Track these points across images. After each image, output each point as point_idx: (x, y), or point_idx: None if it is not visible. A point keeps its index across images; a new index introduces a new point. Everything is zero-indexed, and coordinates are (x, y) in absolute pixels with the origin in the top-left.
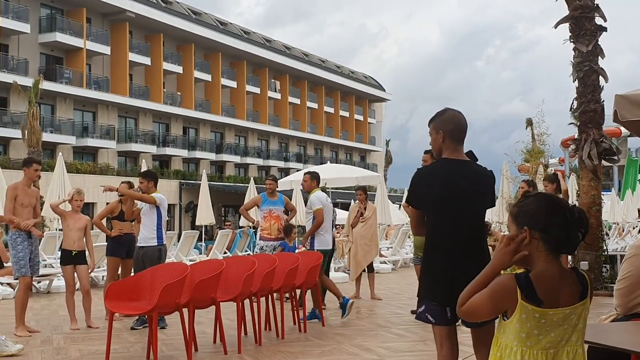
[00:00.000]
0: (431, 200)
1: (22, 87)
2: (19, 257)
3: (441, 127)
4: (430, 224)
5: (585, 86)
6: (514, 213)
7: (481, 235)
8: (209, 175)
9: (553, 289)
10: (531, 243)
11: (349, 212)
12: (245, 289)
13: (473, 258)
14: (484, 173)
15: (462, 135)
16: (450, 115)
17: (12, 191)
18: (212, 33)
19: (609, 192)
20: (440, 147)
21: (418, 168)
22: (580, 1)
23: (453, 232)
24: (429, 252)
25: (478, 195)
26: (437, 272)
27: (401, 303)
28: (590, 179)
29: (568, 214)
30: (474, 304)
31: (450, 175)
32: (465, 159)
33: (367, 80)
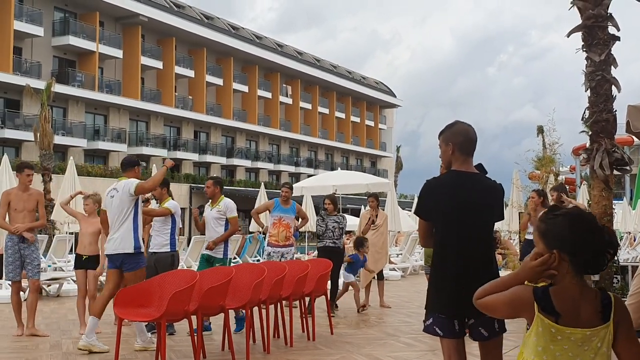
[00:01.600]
0: (439, 212)
1: (34, 90)
2: (8, 262)
3: (451, 140)
4: (438, 236)
5: (597, 96)
6: (542, 230)
7: (489, 248)
8: None
9: (573, 306)
10: (560, 264)
11: (360, 219)
12: (254, 296)
13: (481, 271)
14: (492, 186)
15: (472, 147)
16: (460, 127)
17: (5, 197)
18: (224, 37)
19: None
20: (450, 159)
21: (427, 179)
22: (593, 10)
23: (461, 245)
24: (437, 265)
25: (486, 208)
26: (444, 284)
27: (410, 311)
28: (601, 189)
29: (599, 237)
30: (490, 303)
31: (459, 187)
32: (475, 171)
33: (379, 86)
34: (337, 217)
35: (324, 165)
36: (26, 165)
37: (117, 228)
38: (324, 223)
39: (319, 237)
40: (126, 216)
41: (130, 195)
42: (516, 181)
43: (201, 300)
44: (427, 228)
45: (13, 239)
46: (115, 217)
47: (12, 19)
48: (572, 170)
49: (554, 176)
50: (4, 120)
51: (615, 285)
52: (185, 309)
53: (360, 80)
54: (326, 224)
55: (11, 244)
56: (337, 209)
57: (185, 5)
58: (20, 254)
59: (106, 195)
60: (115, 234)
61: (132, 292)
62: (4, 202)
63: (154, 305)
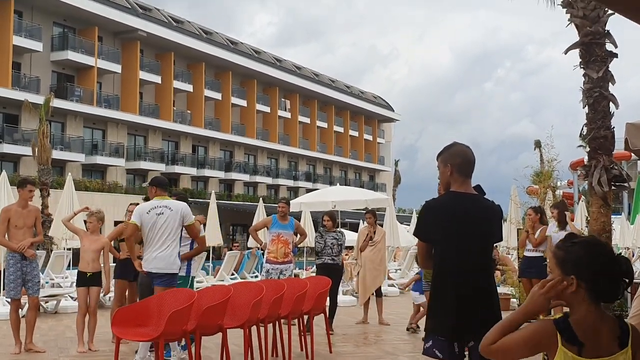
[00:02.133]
0: (438, 234)
1: (33, 104)
2: (9, 280)
3: (449, 161)
4: (438, 258)
5: (595, 112)
6: (560, 257)
7: (489, 269)
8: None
9: (594, 335)
10: (577, 292)
11: (358, 235)
12: (253, 315)
13: (481, 293)
14: (491, 207)
15: (470, 169)
16: (458, 149)
17: (5, 213)
18: (223, 52)
19: (619, 216)
20: (448, 180)
21: (426, 201)
22: (590, 27)
23: (460, 267)
24: (437, 286)
25: (485, 229)
26: (444, 306)
27: None
28: (600, 205)
29: (616, 265)
30: (507, 345)
31: (458, 208)
32: (473, 192)
33: (377, 101)
34: (336, 234)
35: (323, 180)
36: (29, 181)
37: (164, 247)
38: (323, 240)
39: (318, 254)
40: (175, 236)
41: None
42: (514, 197)
43: (199, 319)
44: (427, 249)
45: (15, 257)
46: (165, 235)
47: (11, 34)
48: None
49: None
50: (3, 135)
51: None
52: (183, 328)
53: (358, 94)
54: (325, 240)
55: (13, 261)
56: (336, 225)
57: (184, 21)
58: (22, 271)
59: (147, 212)
60: (159, 252)
61: (130, 312)
62: (3, 218)
63: (152, 324)
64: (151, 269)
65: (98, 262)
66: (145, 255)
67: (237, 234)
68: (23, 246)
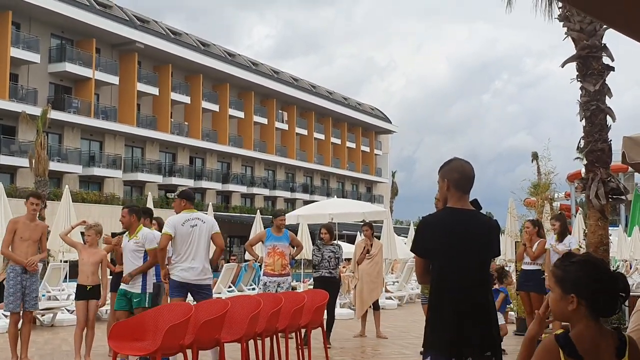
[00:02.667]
0: (435, 250)
1: (30, 116)
2: (9, 292)
3: (447, 176)
4: (435, 274)
5: (592, 125)
6: (559, 276)
7: (487, 285)
8: (214, 205)
9: (594, 348)
10: (577, 309)
11: (355, 249)
12: (250, 329)
13: (479, 308)
14: (488, 223)
15: (468, 185)
16: (456, 164)
17: (12, 225)
18: (221, 64)
19: (616, 228)
20: (446, 195)
21: (423, 217)
22: (587, 41)
23: (458, 282)
24: (434, 302)
25: (482, 245)
26: (442, 322)
27: (407, 342)
28: (597, 218)
29: (613, 282)
30: None
31: (455, 224)
32: (470, 208)
33: (374, 112)
34: (333, 247)
35: (320, 191)
36: (32, 194)
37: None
38: (320, 253)
39: (315, 267)
40: (207, 248)
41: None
42: (512, 210)
43: (197, 333)
44: (424, 265)
45: (16, 270)
46: (200, 247)
47: (8, 46)
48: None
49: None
50: (0, 147)
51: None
52: (180, 342)
53: (355, 106)
54: (322, 253)
55: (14, 274)
56: (334, 237)
57: (181, 32)
58: (22, 285)
59: (182, 224)
60: (195, 263)
61: (127, 326)
62: (10, 229)
63: (149, 339)
64: (189, 279)
65: (97, 275)
66: (180, 266)
67: (234, 246)
68: (32, 262)
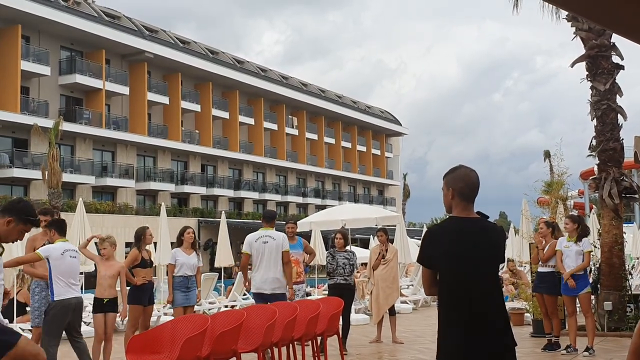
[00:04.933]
0: (442, 260)
1: (42, 128)
2: (35, 307)
3: (452, 185)
4: (443, 284)
5: (603, 125)
6: None
7: (495, 291)
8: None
9: None
10: None
11: (370, 254)
12: (267, 339)
13: (487, 316)
14: (493, 229)
15: (473, 193)
16: (461, 173)
17: (31, 243)
18: (230, 71)
19: (631, 225)
20: (450, 203)
21: (428, 227)
22: (596, 40)
23: (465, 290)
24: (443, 313)
25: (489, 252)
26: (452, 331)
27: (423, 347)
28: (611, 217)
29: None
30: None
31: (461, 233)
32: (475, 216)
33: (384, 115)
34: (347, 254)
35: (332, 195)
36: (41, 211)
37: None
38: (335, 260)
39: (330, 274)
40: (278, 260)
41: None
42: (525, 212)
43: (213, 345)
44: (431, 276)
45: (41, 285)
46: (272, 261)
47: (19, 60)
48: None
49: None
50: (12, 160)
51: (629, 314)
52: (197, 354)
53: (365, 109)
54: (337, 261)
55: (39, 289)
56: (348, 243)
57: (190, 41)
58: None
59: (255, 241)
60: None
61: (144, 338)
62: (29, 248)
63: (166, 351)
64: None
65: (114, 288)
66: (255, 278)
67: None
68: None
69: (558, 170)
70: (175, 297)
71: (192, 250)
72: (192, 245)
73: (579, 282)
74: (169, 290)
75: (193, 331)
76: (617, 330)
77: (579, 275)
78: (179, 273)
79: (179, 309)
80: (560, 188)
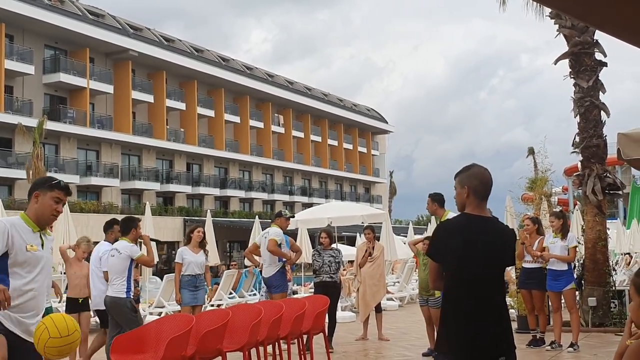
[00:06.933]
0: (451, 255)
1: (26, 128)
2: None
3: (466, 183)
4: (449, 280)
5: (587, 121)
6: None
7: (501, 291)
8: (213, 211)
9: None
10: None
11: (357, 252)
12: (252, 338)
13: (493, 314)
14: (504, 230)
15: (487, 192)
16: (476, 171)
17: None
18: (215, 69)
19: (614, 220)
20: (464, 201)
21: (441, 221)
22: (579, 37)
23: (473, 288)
24: (449, 308)
25: (498, 252)
26: (456, 328)
27: (409, 344)
28: (595, 214)
29: None
30: None
31: (472, 230)
32: (488, 215)
33: (370, 113)
34: (333, 252)
35: (318, 193)
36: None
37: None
38: (321, 258)
39: (316, 272)
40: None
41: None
42: (509, 208)
43: (198, 344)
44: (438, 270)
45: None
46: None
47: (2, 58)
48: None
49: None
50: None
51: (613, 309)
52: (182, 354)
53: (351, 107)
54: (323, 258)
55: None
56: (334, 241)
57: (175, 39)
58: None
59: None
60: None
61: (128, 339)
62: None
63: (151, 351)
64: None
65: (89, 287)
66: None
67: (234, 251)
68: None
69: (542, 167)
70: (183, 296)
71: (199, 249)
72: (200, 244)
73: (564, 278)
74: (175, 289)
75: (178, 331)
76: (602, 326)
77: (564, 271)
78: (187, 272)
79: (186, 308)
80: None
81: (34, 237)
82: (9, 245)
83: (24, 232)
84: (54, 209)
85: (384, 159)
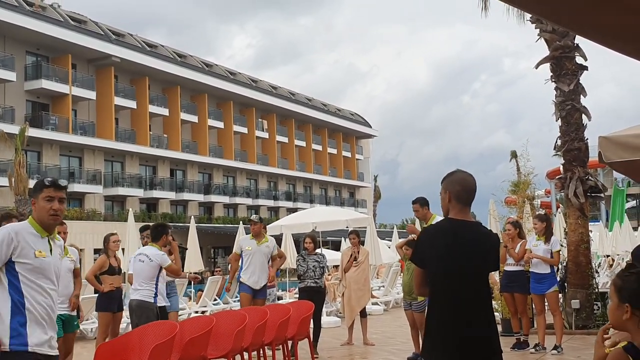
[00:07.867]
0: (435, 260)
1: (8, 135)
2: None
3: (448, 188)
4: (433, 285)
5: (568, 125)
6: (618, 285)
7: (485, 295)
8: (197, 217)
9: None
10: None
11: (342, 256)
12: (237, 344)
13: (477, 319)
14: (488, 234)
15: (470, 197)
16: (458, 177)
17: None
18: (198, 75)
19: (597, 223)
20: (447, 206)
21: (424, 227)
22: (560, 42)
23: (457, 293)
24: (433, 313)
25: (481, 256)
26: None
27: (394, 348)
28: (577, 217)
29: None
30: None
31: (455, 235)
32: (471, 219)
33: (354, 118)
34: (318, 257)
35: (303, 198)
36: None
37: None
38: (305, 263)
39: (300, 278)
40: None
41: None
42: (493, 212)
43: (182, 351)
44: (423, 276)
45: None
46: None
47: None
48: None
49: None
50: None
51: (597, 311)
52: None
53: (335, 112)
54: (307, 263)
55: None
56: (318, 246)
57: (157, 45)
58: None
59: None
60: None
61: (112, 346)
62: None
63: (134, 358)
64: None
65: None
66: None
67: (218, 257)
68: None
69: (525, 170)
70: None
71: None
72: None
73: (547, 281)
74: None
75: (162, 338)
76: (585, 328)
77: (547, 274)
78: None
79: None
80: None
81: (42, 242)
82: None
83: (31, 238)
84: (49, 208)
85: (368, 163)
